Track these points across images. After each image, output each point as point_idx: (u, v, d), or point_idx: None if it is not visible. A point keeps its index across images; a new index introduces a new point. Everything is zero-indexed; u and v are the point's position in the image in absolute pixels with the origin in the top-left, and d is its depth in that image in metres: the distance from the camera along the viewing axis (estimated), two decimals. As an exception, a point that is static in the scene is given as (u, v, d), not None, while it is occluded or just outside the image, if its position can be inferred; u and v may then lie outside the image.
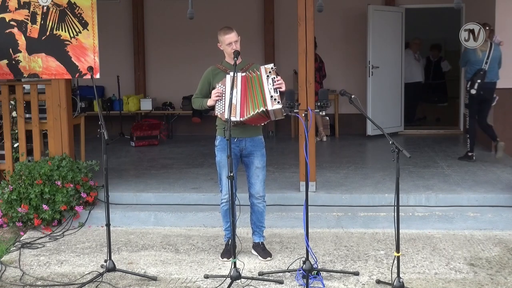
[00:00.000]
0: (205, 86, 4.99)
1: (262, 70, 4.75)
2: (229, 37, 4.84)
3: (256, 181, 4.99)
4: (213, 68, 5.00)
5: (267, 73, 4.73)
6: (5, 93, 6.54)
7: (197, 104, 5.01)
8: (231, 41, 4.85)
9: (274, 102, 4.68)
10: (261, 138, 5.01)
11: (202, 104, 4.95)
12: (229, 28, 4.90)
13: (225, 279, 4.50)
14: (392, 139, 4.22)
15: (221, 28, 4.93)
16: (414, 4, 10.69)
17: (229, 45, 4.85)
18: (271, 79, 4.71)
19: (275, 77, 4.72)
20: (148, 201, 6.37)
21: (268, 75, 4.73)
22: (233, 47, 4.84)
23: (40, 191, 5.90)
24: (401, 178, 4.79)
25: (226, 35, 4.85)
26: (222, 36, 4.86)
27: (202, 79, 5.01)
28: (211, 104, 4.86)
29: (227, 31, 4.87)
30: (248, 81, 4.76)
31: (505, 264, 4.85)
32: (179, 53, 10.93)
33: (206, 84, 4.98)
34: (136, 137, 9.72)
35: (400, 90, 10.48)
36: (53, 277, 4.79)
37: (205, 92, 4.98)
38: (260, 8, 10.89)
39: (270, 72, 4.73)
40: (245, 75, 4.78)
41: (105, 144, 4.64)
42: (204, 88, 4.99)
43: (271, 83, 4.70)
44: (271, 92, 4.69)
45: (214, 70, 4.98)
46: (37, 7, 6.32)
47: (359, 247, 5.30)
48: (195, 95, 5.04)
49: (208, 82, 4.97)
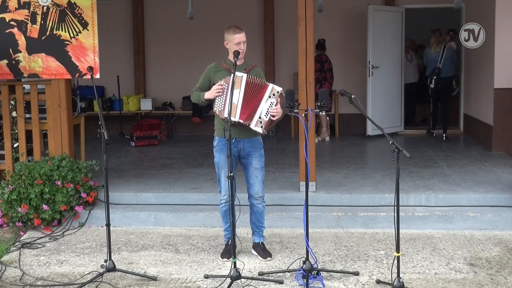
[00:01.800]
0: (205, 81, 4.99)
1: (269, 88, 4.75)
2: (238, 36, 4.83)
3: (255, 182, 4.99)
4: (215, 64, 5.00)
5: (270, 93, 4.74)
6: (5, 93, 6.54)
7: (195, 96, 5.00)
8: (240, 41, 4.84)
9: (258, 124, 4.73)
10: (259, 139, 5.01)
11: (199, 97, 4.94)
12: (239, 28, 4.88)
13: (225, 279, 4.49)
14: (392, 139, 4.22)
15: (230, 27, 4.91)
16: (414, 4, 10.70)
17: (237, 44, 4.84)
18: (271, 102, 4.72)
19: (274, 102, 4.73)
20: (148, 201, 6.37)
21: (271, 96, 4.74)
22: (240, 47, 4.84)
23: (40, 191, 5.90)
24: (401, 178, 4.79)
25: (236, 34, 4.84)
26: (232, 35, 4.85)
27: (204, 74, 5.01)
28: (208, 97, 4.84)
29: (237, 30, 4.85)
30: (250, 86, 4.75)
31: (505, 264, 4.85)
32: (179, 53, 10.93)
33: (207, 80, 4.98)
34: (136, 137, 9.72)
35: (400, 90, 10.49)
36: (53, 277, 4.79)
37: (204, 87, 4.98)
38: (260, 8, 10.89)
39: (274, 95, 4.74)
40: (250, 79, 4.76)
41: (105, 144, 4.64)
42: (204, 83, 4.99)
43: (268, 105, 4.72)
44: (262, 113, 4.72)
45: (217, 67, 4.98)
46: (37, 7, 6.32)
47: (359, 247, 5.30)
48: (195, 88, 5.04)
49: (208, 78, 4.97)
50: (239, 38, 4.83)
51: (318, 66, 9.48)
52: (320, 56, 9.71)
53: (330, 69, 9.86)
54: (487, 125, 8.64)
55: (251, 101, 4.73)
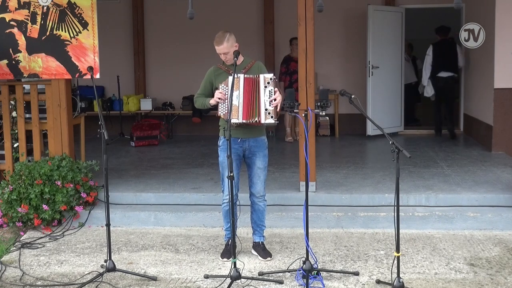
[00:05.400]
0: (207, 86, 5.00)
1: (261, 79, 4.75)
2: (217, 48, 4.82)
3: (257, 181, 5.00)
4: (215, 68, 5.00)
5: (265, 83, 4.73)
6: (5, 93, 6.54)
7: (200, 103, 5.01)
8: (220, 53, 4.84)
9: (268, 116, 4.72)
10: (264, 139, 5.01)
11: (204, 103, 4.95)
12: (220, 39, 4.79)
13: (225, 279, 4.50)
14: (392, 139, 4.22)
15: (217, 34, 4.86)
16: (414, 4, 10.69)
17: (220, 54, 4.86)
18: (268, 91, 4.72)
19: (272, 89, 4.72)
20: (148, 201, 6.37)
21: (266, 85, 4.73)
22: (223, 58, 4.85)
23: (40, 191, 5.90)
24: (401, 178, 4.79)
25: (216, 45, 4.82)
26: (214, 44, 4.84)
27: (204, 79, 5.02)
28: (213, 104, 4.87)
29: (218, 41, 4.80)
30: (250, 84, 4.75)
31: (505, 264, 4.85)
32: (179, 53, 10.93)
33: (208, 84, 4.99)
34: (136, 137, 9.72)
35: (400, 90, 10.48)
36: (53, 277, 4.79)
37: (207, 91, 4.99)
38: (260, 8, 10.89)
39: (268, 83, 4.73)
40: (248, 77, 4.76)
41: (105, 144, 4.64)
42: (206, 88, 5.00)
43: (268, 95, 4.72)
44: (266, 105, 4.72)
45: (216, 70, 4.98)
46: (37, 7, 6.32)
47: (359, 247, 5.30)
48: (198, 94, 5.05)
49: (210, 82, 4.97)
50: (217, 50, 4.84)
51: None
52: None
53: None
54: (487, 125, 8.64)
55: (251, 99, 4.73)
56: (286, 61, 9.77)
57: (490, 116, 8.44)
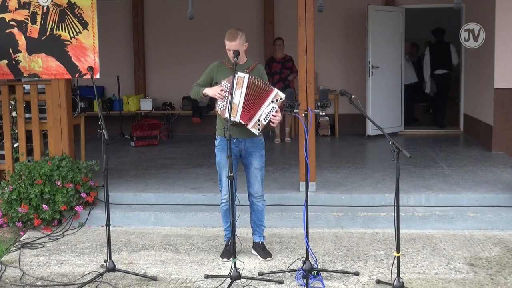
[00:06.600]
0: (207, 78, 5.00)
1: (273, 93, 4.75)
2: (228, 44, 4.84)
3: (255, 181, 5.00)
4: (219, 63, 5.01)
5: (274, 99, 4.74)
6: (5, 93, 6.54)
7: (194, 91, 5.00)
8: (230, 49, 4.85)
9: (256, 126, 4.74)
10: (261, 139, 5.01)
11: (198, 92, 4.95)
12: (233, 35, 4.84)
13: (225, 279, 4.50)
14: (392, 139, 4.22)
15: (229, 30, 4.90)
16: (414, 4, 10.69)
17: (228, 50, 4.87)
18: (272, 107, 4.73)
19: (276, 107, 4.73)
20: (148, 201, 6.37)
21: (273, 101, 4.74)
22: (230, 54, 4.85)
23: (40, 191, 5.90)
24: (401, 178, 4.79)
25: (227, 40, 4.84)
26: (226, 40, 4.86)
27: (206, 71, 5.03)
28: (207, 93, 4.85)
29: (230, 37, 4.83)
30: (253, 88, 4.74)
31: (505, 264, 4.85)
32: (179, 53, 10.93)
33: (209, 77, 4.99)
34: (136, 137, 9.72)
35: (400, 90, 10.48)
36: (53, 277, 4.79)
37: (206, 84, 4.98)
38: (260, 8, 10.89)
39: (277, 100, 4.75)
40: (252, 80, 4.75)
41: (105, 144, 4.64)
42: (206, 80, 5.00)
43: (270, 110, 4.72)
44: (261, 116, 4.73)
45: (220, 65, 4.98)
46: (37, 7, 6.32)
47: (359, 247, 5.30)
48: (195, 83, 5.05)
49: (211, 76, 4.98)
50: (228, 45, 4.85)
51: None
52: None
53: None
54: (487, 125, 8.64)
55: (253, 103, 4.73)
56: (269, 62, 9.79)
57: (490, 116, 8.44)
